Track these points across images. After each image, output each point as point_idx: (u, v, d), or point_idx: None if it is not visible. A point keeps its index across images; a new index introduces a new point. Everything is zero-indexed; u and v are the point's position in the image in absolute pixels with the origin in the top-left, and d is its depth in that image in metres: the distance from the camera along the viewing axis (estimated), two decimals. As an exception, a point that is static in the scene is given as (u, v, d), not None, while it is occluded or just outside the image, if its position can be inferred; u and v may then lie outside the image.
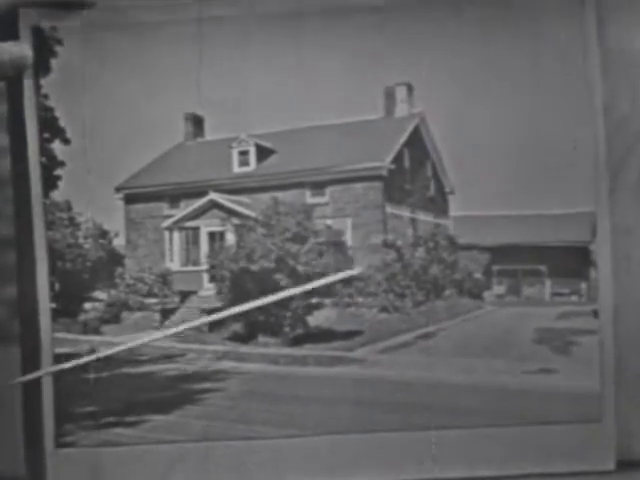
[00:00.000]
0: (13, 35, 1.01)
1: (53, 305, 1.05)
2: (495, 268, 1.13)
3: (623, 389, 1.04)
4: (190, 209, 1.17)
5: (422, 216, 1.16)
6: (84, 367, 1.06)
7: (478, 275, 1.13)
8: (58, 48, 1.04)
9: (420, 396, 1.06)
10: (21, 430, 1.05)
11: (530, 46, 1.04)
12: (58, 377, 1.04)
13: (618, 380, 1.03)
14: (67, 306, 1.09)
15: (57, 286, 1.07)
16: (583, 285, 1.10)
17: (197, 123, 1.13)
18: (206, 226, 1.18)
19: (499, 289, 1.14)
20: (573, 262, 1.10)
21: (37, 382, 1.04)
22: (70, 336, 1.09)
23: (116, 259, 1.14)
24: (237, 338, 1.12)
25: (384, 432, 1.05)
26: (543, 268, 1.13)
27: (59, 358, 1.05)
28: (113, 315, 1.13)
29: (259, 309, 1.11)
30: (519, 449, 1.04)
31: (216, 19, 1.04)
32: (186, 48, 1.05)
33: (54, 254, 1.07)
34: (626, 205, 1.05)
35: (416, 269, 1.12)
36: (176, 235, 1.20)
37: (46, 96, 1.05)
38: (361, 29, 1.05)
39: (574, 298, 1.11)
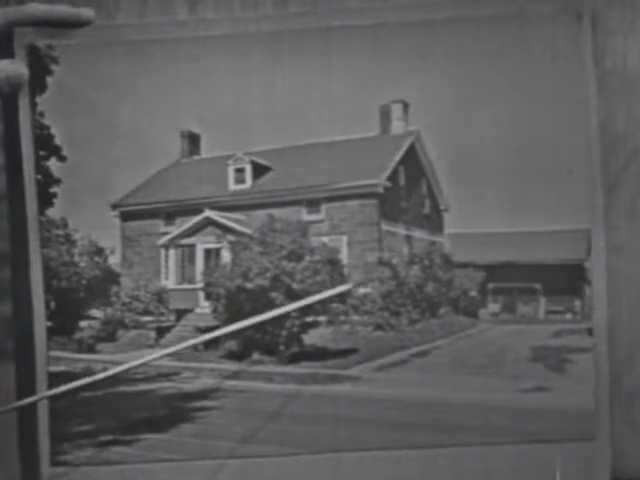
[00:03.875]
0: (8, 53, 1.01)
1: (48, 323, 1.05)
2: (490, 286, 1.14)
3: (617, 407, 1.05)
4: (186, 226, 1.17)
5: (417, 234, 1.16)
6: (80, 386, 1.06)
7: (473, 293, 1.14)
8: (54, 66, 1.05)
9: (415, 414, 1.06)
10: (16, 449, 1.05)
11: (526, 65, 1.05)
12: (53, 396, 1.04)
13: (612, 398, 1.04)
14: (62, 324, 1.09)
15: (52, 304, 1.07)
16: (578, 303, 1.10)
17: (193, 141, 1.13)
18: (202, 243, 1.18)
19: (494, 307, 1.15)
20: (568, 280, 1.11)
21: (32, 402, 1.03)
22: (65, 354, 1.09)
23: (112, 277, 1.14)
24: (232, 356, 1.12)
25: (379, 450, 1.05)
26: (538, 286, 1.13)
27: (54, 376, 1.05)
28: (109, 333, 1.13)
29: (254, 327, 1.11)
30: (513, 467, 1.04)
31: (213, 38, 1.05)
32: (182, 66, 1.06)
33: (50, 272, 1.07)
34: (621, 223, 1.05)
35: (411, 287, 1.12)
36: (172, 252, 1.19)
37: (42, 114, 1.05)
38: (357, 46, 1.05)
39: (569, 316, 1.11)
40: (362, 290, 1.13)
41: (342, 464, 1.05)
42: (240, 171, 1.15)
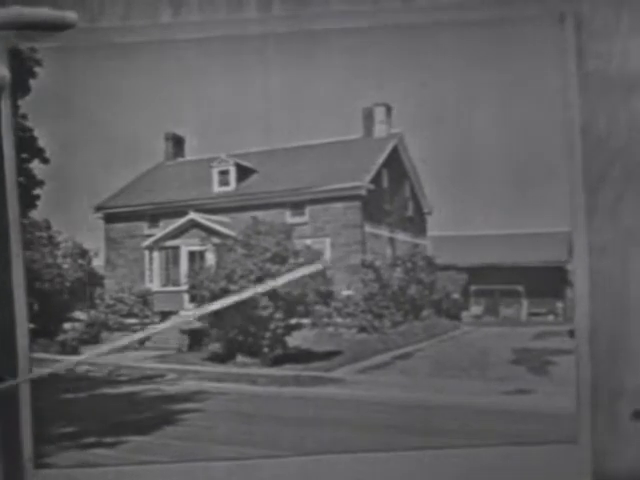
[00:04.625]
0: (-10, 57, 1.01)
1: (31, 325, 1.05)
2: (473, 288, 1.14)
3: (599, 409, 1.04)
4: (170, 228, 1.17)
5: (400, 236, 1.17)
6: (63, 387, 1.06)
7: (456, 295, 1.14)
8: (37, 69, 1.05)
9: (398, 416, 1.06)
10: (-1, 451, 1.05)
11: (509, 67, 1.05)
12: (36, 398, 1.04)
13: (594, 400, 1.04)
14: (46, 326, 1.09)
15: (35, 306, 1.07)
16: (559, 305, 1.10)
17: (177, 143, 1.13)
18: (186, 246, 1.18)
19: (477, 309, 1.15)
20: (550, 282, 1.11)
21: (14, 403, 1.03)
22: (48, 356, 1.09)
23: (96, 279, 1.14)
24: (216, 358, 1.12)
25: (362, 452, 1.05)
26: (520, 288, 1.13)
27: (36, 378, 1.04)
28: (92, 335, 1.13)
29: (238, 330, 1.12)
30: (496, 469, 1.04)
31: (197, 41, 1.05)
32: (166, 69, 1.06)
33: (32, 274, 1.07)
34: (602, 225, 1.05)
35: (394, 289, 1.12)
36: (156, 255, 1.19)
37: (24, 116, 1.05)
38: (342, 51, 1.05)
39: (551, 318, 1.11)
40: (345, 292, 1.13)
41: (326, 466, 1.05)
42: (224, 173, 1.15)
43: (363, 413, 1.07)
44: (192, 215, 1.15)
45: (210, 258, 1.16)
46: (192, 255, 1.18)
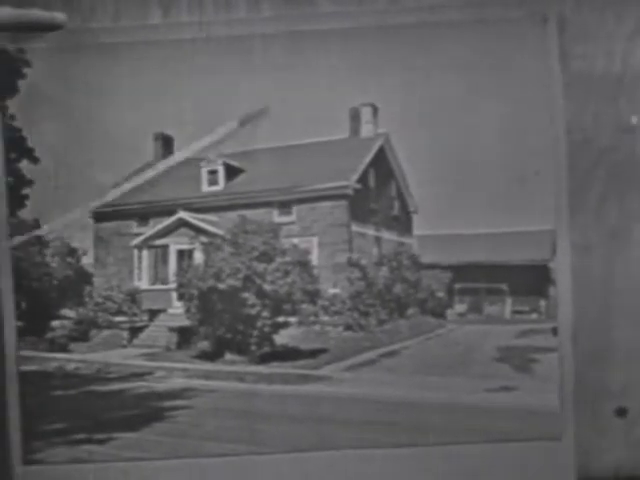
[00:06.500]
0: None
1: (19, 323, 1.06)
2: (457, 286, 1.15)
3: (582, 406, 1.05)
4: (159, 227, 1.18)
5: (386, 235, 1.18)
6: (52, 384, 1.07)
7: (441, 294, 1.15)
8: (26, 69, 1.05)
9: (384, 414, 1.07)
10: (-13, 448, 1.06)
11: (494, 69, 1.06)
12: (25, 395, 1.05)
13: (577, 397, 1.05)
14: (34, 324, 1.10)
15: (23, 304, 1.08)
16: (543, 303, 1.11)
17: (166, 143, 1.14)
18: (175, 244, 1.19)
19: (461, 307, 1.16)
20: (533, 280, 1.12)
21: (2, 400, 1.04)
22: (37, 354, 1.10)
23: (84, 277, 1.15)
24: (204, 356, 1.13)
25: (349, 449, 1.06)
26: (504, 286, 1.14)
27: (25, 376, 1.06)
28: (81, 333, 1.14)
29: (226, 327, 1.13)
30: (481, 467, 1.05)
31: (183, 41, 1.06)
32: (154, 69, 1.07)
33: (20, 272, 1.08)
34: (586, 224, 1.06)
35: (380, 288, 1.13)
36: (145, 253, 1.20)
37: (13, 117, 1.06)
38: (329, 51, 1.06)
39: (534, 316, 1.12)
40: (332, 291, 1.14)
41: (312, 463, 1.06)
42: (213, 173, 1.16)
43: (349, 410, 1.08)
44: (181, 214, 1.16)
45: (198, 257, 1.17)
46: (181, 254, 1.19)
